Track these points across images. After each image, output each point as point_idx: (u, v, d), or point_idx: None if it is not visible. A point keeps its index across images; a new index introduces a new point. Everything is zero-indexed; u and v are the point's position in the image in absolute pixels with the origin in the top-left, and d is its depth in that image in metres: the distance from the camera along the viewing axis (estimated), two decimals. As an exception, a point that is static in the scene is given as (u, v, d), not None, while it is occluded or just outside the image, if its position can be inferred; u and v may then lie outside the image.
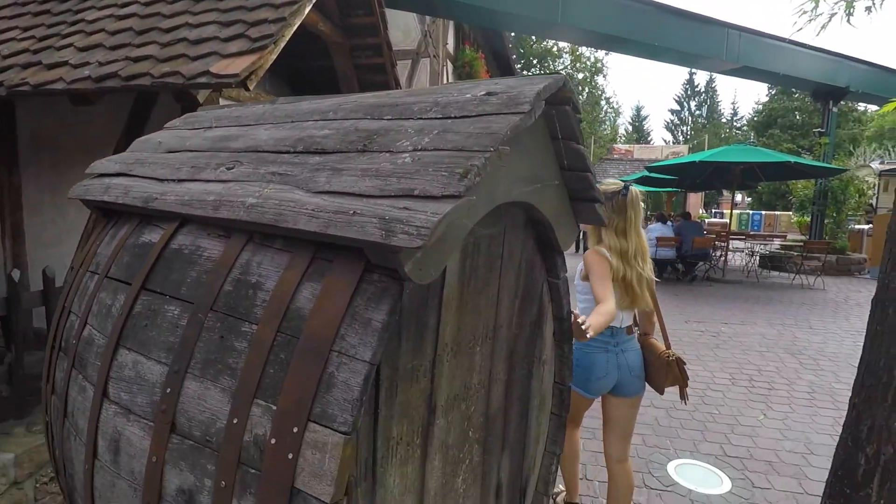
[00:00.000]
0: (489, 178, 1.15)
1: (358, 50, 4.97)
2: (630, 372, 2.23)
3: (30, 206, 4.30)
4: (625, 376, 2.23)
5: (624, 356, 2.22)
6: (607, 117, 44.08)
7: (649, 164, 11.72)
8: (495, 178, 1.18)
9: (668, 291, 9.02)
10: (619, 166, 23.74)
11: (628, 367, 2.23)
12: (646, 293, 2.16)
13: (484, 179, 1.08)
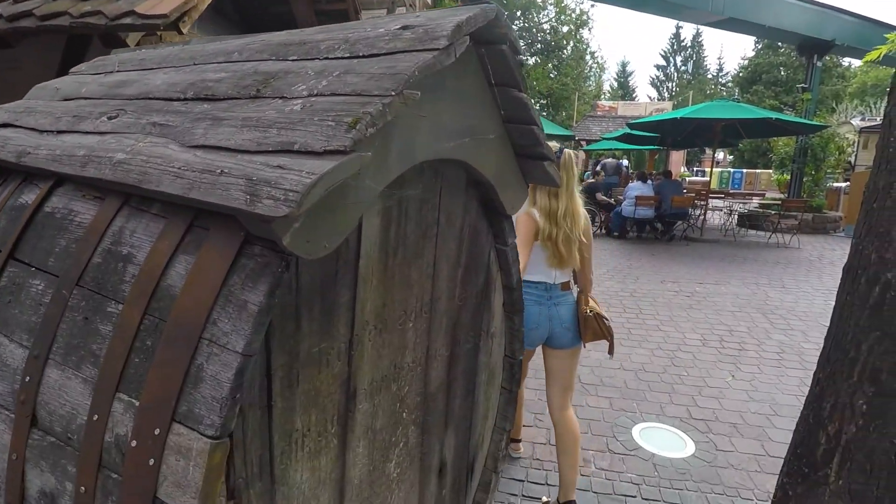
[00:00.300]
0: (404, 130, 0.97)
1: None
2: (561, 324, 2.34)
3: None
4: (556, 328, 2.35)
5: (556, 309, 2.34)
6: (592, 73, 43.24)
7: (632, 121, 11.48)
8: (413, 131, 1.00)
9: (646, 251, 9.00)
10: (602, 123, 23.36)
11: (560, 320, 2.34)
12: (574, 253, 2.28)
13: (393, 132, 0.90)
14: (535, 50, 34.48)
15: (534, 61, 33.62)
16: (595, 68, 43.67)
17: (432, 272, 1.34)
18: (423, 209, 1.25)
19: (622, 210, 9.93)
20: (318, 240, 0.81)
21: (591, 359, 4.22)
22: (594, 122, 23.62)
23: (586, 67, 39.87)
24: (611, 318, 2.55)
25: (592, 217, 10.82)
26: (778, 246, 9.59)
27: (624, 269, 7.59)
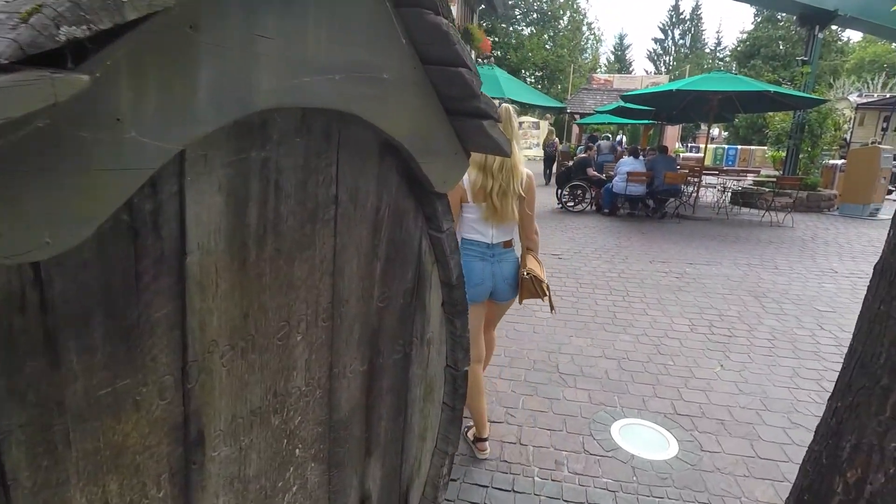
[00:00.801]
0: (223, 54, 0.62)
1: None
2: (504, 280, 2.44)
3: None
4: (499, 283, 2.44)
5: (499, 266, 2.42)
6: (589, 45, 42.30)
7: (623, 94, 11.05)
8: (244, 57, 0.65)
9: (636, 229, 8.69)
10: (596, 96, 22.81)
11: (503, 276, 2.43)
12: (510, 208, 2.29)
13: (191, 51, 0.55)
14: (530, 20, 33.55)
15: (529, 31, 32.73)
16: (592, 40, 42.76)
17: (332, 268, 1.01)
18: (308, 183, 0.91)
19: (613, 186, 9.59)
20: (22, 231, 0.47)
21: (572, 346, 3.94)
22: (589, 95, 23.07)
23: (583, 39, 38.96)
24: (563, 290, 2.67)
25: (583, 193, 10.49)
26: (771, 225, 9.32)
27: (613, 248, 7.29)
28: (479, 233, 2.37)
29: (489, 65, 10.26)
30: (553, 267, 6.19)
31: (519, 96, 9.27)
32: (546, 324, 4.38)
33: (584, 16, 37.15)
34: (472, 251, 2.37)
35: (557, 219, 9.64)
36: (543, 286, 2.49)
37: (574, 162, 10.94)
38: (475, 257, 2.37)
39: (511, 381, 3.39)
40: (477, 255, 2.37)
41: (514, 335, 4.14)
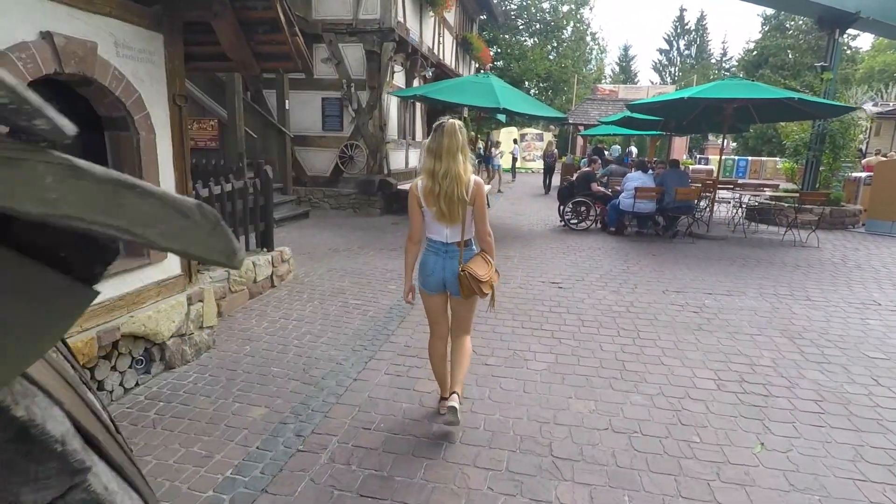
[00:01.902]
0: None
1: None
2: (452, 275, 2.72)
3: None
4: (448, 278, 2.74)
5: (450, 262, 2.73)
6: (593, 55, 41.74)
7: (629, 103, 10.32)
8: None
9: (646, 251, 7.90)
10: (601, 106, 22.12)
11: (451, 272, 2.72)
12: (455, 211, 2.60)
13: None
14: (533, 30, 33.01)
15: (532, 42, 32.20)
16: (596, 51, 42.21)
17: None
18: None
19: (619, 203, 8.83)
20: None
21: (571, 412, 3.16)
22: (593, 106, 22.37)
23: (587, 49, 38.41)
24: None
25: (587, 210, 9.72)
26: (794, 244, 8.50)
27: (620, 274, 6.50)
28: (437, 232, 2.74)
29: (485, 73, 9.57)
30: (552, 299, 5.41)
31: (516, 106, 8.55)
32: (540, 379, 3.60)
33: (588, 26, 36.60)
34: (430, 248, 2.79)
35: (559, 238, 8.87)
36: (483, 286, 2.68)
37: (577, 176, 10.19)
38: (431, 252, 2.78)
39: (488, 470, 2.61)
40: (433, 251, 2.78)
41: (499, 395, 3.36)
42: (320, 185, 11.01)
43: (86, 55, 2.82)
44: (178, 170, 3.63)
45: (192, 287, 3.85)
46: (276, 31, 3.71)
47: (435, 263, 2.76)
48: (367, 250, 7.50)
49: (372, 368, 3.76)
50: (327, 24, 10.18)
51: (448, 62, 15.16)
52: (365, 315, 4.86)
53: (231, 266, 0.57)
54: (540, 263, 6.98)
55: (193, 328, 3.80)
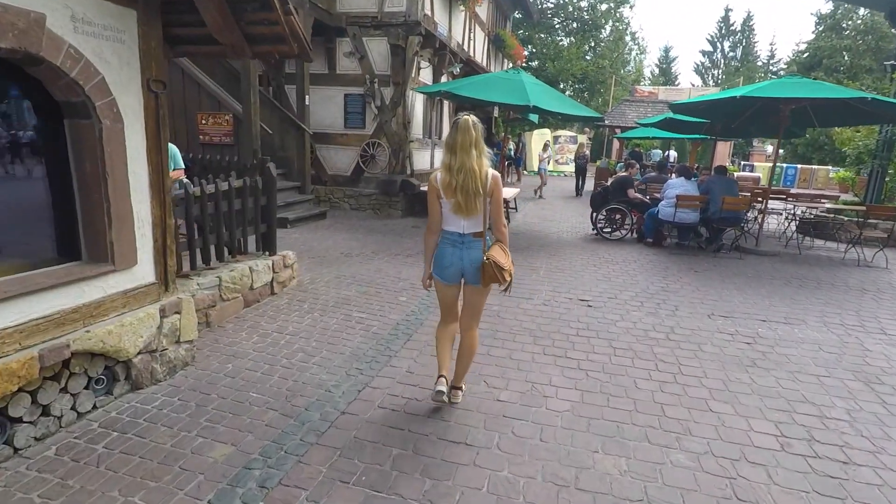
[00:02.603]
0: None
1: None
2: (471, 264, 2.85)
3: None
4: (467, 268, 2.87)
5: (468, 252, 2.85)
6: (632, 56, 40.46)
7: (672, 103, 9.53)
8: None
9: (687, 266, 7.16)
10: (639, 108, 21.16)
11: (470, 261, 2.85)
12: (472, 204, 2.71)
13: None
14: (570, 29, 32.07)
15: (568, 42, 31.29)
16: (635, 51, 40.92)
17: None
18: None
19: (658, 212, 8.09)
20: None
21: (597, 472, 2.56)
22: (631, 108, 21.44)
23: (625, 50, 37.19)
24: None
25: (622, 218, 9.01)
26: (858, 264, 7.60)
27: (658, 292, 5.82)
28: (453, 224, 2.83)
29: (514, 69, 8.98)
30: (580, 320, 4.79)
31: (547, 104, 7.93)
32: (561, 423, 3.02)
33: (628, 25, 35.38)
34: (447, 239, 2.88)
35: (590, 248, 8.19)
36: (504, 273, 2.79)
37: (612, 181, 9.48)
38: (448, 244, 2.87)
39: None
40: (450, 243, 2.86)
41: (510, 444, 2.79)
42: (341, 185, 10.61)
43: (28, 28, 2.39)
44: (153, 164, 3.19)
45: (168, 297, 3.41)
46: (267, 10, 3.23)
47: (452, 255, 2.86)
48: (381, 256, 7.00)
49: (365, 399, 3.24)
50: (352, 16, 9.77)
51: (479, 59, 14.59)
52: (367, 331, 4.35)
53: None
54: (568, 277, 6.35)
55: (167, 343, 3.36)
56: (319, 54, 10.09)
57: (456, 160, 2.71)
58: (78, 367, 2.84)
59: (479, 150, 2.72)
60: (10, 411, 2.53)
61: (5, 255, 2.66)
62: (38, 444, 2.65)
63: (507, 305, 5.13)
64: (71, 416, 2.84)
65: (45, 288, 2.64)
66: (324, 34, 9.85)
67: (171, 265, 3.41)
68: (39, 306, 2.63)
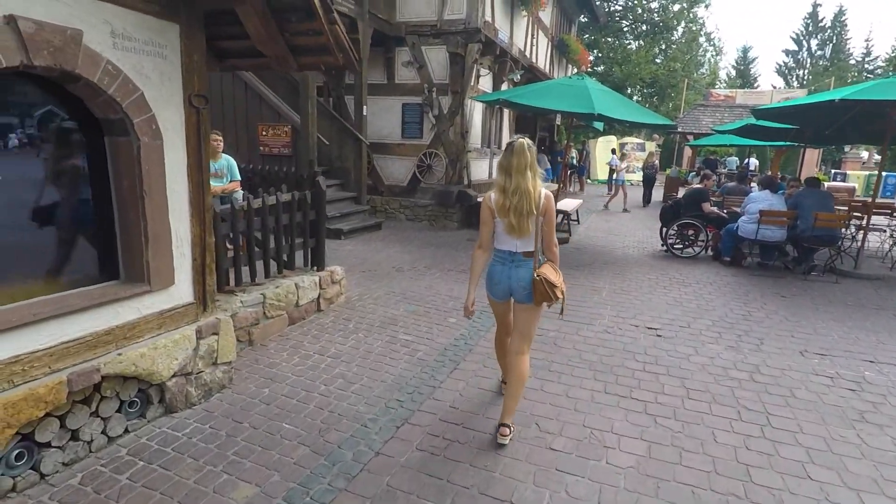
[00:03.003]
0: None
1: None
2: (519, 283, 2.88)
3: None
4: (515, 286, 2.90)
5: (516, 271, 2.89)
6: (706, 58, 38.34)
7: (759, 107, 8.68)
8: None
9: (772, 291, 6.41)
10: (715, 114, 19.83)
11: (518, 280, 2.89)
12: (525, 224, 2.77)
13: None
14: (639, 32, 30.81)
15: (636, 45, 30.06)
16: (710, 53, 38.77)
17: None
18: None
19: (738, 228, 7.35)
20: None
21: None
22: (705, 113, 20.17)
23: (699, 51, 35.31)
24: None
25: (696, 234, 8.30)
26: (984, 292, 6.53)
27: (739, 320, 5.20)
28: (506, 243, 2.91)
29: (579, 74, 8.51)
30: (648, 352, 4.31)
31: (613, 112, 7.42)
32: (624, 484, 2.60)
33: (702, 26, 33.55)
34: (497, 258, 2.97)
35: (660, 267, 7.56)
36: (556, 291, 2.85)
37: (685, 194, 8.77)
38: (498, 262, 2.96)
39: None
40: (499, 261, 2.95)
41: (563, 508, 2.42)
42: (397, 195, 10.51)
43: (65, 45, 2.32)
44: (194, 181, 3.09)
45: (206, 317, 3.30)
46: (311, 19, 3.06)
47: (501, 273, 2.93)
48: (433, 271, 6.76)
49: (402, 438, 2.97)
50: (411, 26, 9.67)
51: (541, 66, 14.17)
52: (413, 356, 4.09)
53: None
54: (634, 300, 5.82)
55: (203, 365, 3.24)
56: (378, 64, 10.07)
57: (511, 182, 2.76)
58: (109, 391, 2.75)
59: (532, 171, 2.79)
60: (37, 436, 2.46)
61: (48, 274, 2.61)
62: (65, 471, 2.57)
63: (564, 332, 4.72)
64: (101, 441, 2.75)
65: (79, 309, 2.57)
66: (383, 44, 9.82)
67: (210, 285, 3.30)
68: (72, 328, 2.55)
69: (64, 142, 2.75)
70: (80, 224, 2.81)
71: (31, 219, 2.57)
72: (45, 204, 2.64)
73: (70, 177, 2.76)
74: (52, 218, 2.66)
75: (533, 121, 16.32)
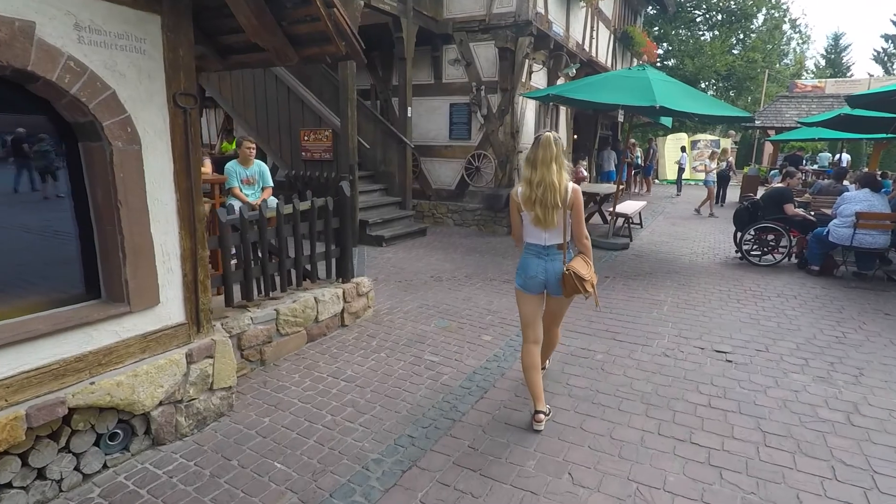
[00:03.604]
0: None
1: None
2: (554, 276, 2.95)
3: None
4: (550, 279, 2.97)
5: (551, 263, 2.96)
6: (791, 46, 35.30)
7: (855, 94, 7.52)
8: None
9: (873, 306, 5.41)
10: (800, 106, 18.00)
11: (553, 273, 2.95)
12: (550, 216, 2.82)
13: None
14: (714, 22, 28.75)
15: (710, 36, 28.07)
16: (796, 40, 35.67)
17: None
18: None
19: (829, 232, 6.34)
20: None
21: None
22: (789, 105, 18.38)
23: (783, 40, 32.51)
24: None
25: (777, 240, 7.30)
26: None
27: (830, 344, 4.34)
28: (535, 236, 2.96)
29: (640, 65, 7.75)
30: (715, 383, 3.62)
31: (679, 104, 6.64)
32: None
33: (787, 11, 30.85)
34: (530, 250, 3.02)
35: (733, 277, 6.67)
36: (585, 284, 2.88)
37: (764, 194, 7.75)
38: (532, 255, 3.01)
39: None
40: (533, 254, 3.00)
41: None
42: (444, 200, 10.11)
43: (12, 39, 2.06)
44: (182, 189, 2.80)
45: (200, 339, 3.01)
46: (306, 3, 2.70)
47: (537, 266, 2.97)
48: (474, 280, 6.28)
49: (406, 486, 2.52)
50: (458, 22, 9.26)
51: (602, 60, 13.31)
52: (436, 381, 3.64)
53: None
54: (700, 316, 5.07)
55: (196, 392, 2.95)
56: (425, 64, 9.73)
57: (536, 174, 2.83)
58: (82, 423, 2.49)
59: (558, 164, 2.82)
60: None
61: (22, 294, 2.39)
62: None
63: (615, 354, 4.10)
64: (74, 479, 2.50)
65: (42, 335, 2.31)
66: (430, 42, 9.47)
67: (204, 303, 3.01)
68: (34, 356, 2.30)
69: (40, 150, 2.53)
70: (61, 240, 2.58)
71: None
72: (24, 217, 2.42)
73: (51, 187, 2.54)
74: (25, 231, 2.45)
75: (594, 119, 15.42)
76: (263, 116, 8.60)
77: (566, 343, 4.30)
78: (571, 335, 4.49)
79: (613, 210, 8.66)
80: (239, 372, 3.61)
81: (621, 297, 5.64)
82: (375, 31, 8.58)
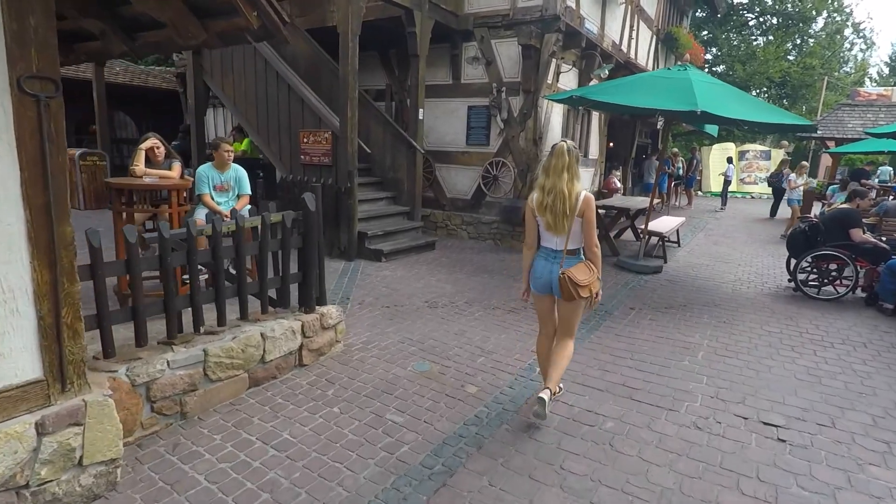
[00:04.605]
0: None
1: None
2: (556, 280, 3.03)
3: None
4: (553, 282, 3.06)
5: (556, 268, 3.05)
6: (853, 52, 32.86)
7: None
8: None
9: None
10: (865, 115, 16.33)
11: (557, 276, 3.02)
12: (560, 223, 2.96)
13: None
14: (768, 26, 26.92)
15: (764, 41, 26.27)
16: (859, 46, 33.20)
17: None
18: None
19: (910, 267, 5.20)
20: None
21: None
22: (851, 114, 16.74)
23: (844, 45, 30.27)
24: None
25: (839, 270, 6.17)
26: None
27: (920, 424, 3.31)
28: (548, 241, 3.10)
29: (681, 65, 6.75)
30: (763, 475, 2.68)
31: (724, 109, 5.66)
32: None
33: (850, 15, 28.67)
34: (541, 253, 3.16)
35: (785, 313, 5.59)
36: (581, 290, 2.97)
37: (826, 216, 6.61)
38: (542, 258, 3.14)
39: None
40: (543, 257, 3.14)
41: None
42: (460, 210, 9.30)
43: None
44: (35, 205, 2.11)
45: (64, 400, 2.30)
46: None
47: (543, 268, 3.12)
48: (474, 308, 5.44)
49: None
50: (480, 17, 8.45)
51: (642, 62, 12.23)
52: (392, 454, 2.83)
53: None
54: (744, 368, 4.08)
55: (52, 473, 2.24)
56: (443, 63, 8.96)
57: (549, 182, 2.98)
58: None
59: (570, 173, 2.95)
60: None
61: None
62: None
63: (630, 421, 3.21)
64: None
65: None
66: (449, 40, 8.69)
67: (72, 352, 2.30)
68: None
69: None
70: None
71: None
72: None
73: None
74: None
75: (631, 125, 14.30)
76: (264, 116, 8.01)
77: (569, 402, 3.43)
78: (578, 389, 3.62)
79: (645, 227, 7.64)
80: (149, 429, 2.92)
81: (646, 337, 4.70)
82: (391, 25, 7.89)
